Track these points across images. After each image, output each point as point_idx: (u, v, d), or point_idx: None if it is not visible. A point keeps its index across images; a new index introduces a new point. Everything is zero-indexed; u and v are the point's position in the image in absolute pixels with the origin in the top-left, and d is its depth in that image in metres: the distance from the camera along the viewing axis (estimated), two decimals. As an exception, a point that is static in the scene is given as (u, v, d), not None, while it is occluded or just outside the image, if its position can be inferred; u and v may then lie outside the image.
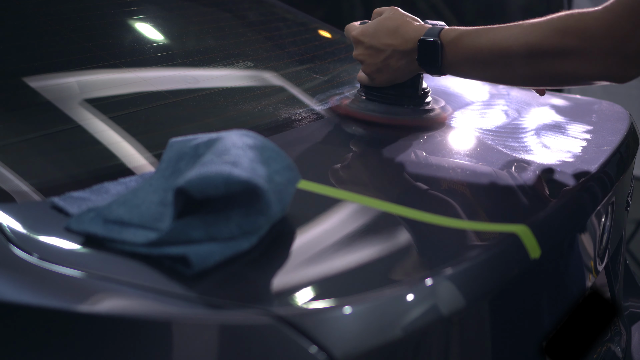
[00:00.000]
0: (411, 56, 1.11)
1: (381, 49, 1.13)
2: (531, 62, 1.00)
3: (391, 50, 1.12)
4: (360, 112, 1.19)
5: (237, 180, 0.77)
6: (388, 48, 1.12)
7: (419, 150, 1.13)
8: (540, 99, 1.42)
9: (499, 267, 0.82)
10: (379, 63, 1.14)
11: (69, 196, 0.86)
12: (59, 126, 1.02)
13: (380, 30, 1.13)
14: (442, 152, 1.14)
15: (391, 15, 1.14)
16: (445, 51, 1.07)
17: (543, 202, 0.98)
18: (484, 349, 0.81)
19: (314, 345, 0.67)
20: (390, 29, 1.12)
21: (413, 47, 1.10)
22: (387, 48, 1.12)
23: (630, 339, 1.25)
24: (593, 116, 1.35)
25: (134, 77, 1.21)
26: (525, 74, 1.04)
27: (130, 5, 1.45)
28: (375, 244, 0.83)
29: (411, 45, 1.10)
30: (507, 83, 1.11)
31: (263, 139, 0.89)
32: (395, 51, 1.12)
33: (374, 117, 1.18)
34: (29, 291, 0.76)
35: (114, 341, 0.72)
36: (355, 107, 1.20)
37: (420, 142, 1.16)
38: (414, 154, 1.11)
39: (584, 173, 1.05)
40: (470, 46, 1.05)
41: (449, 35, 1.07)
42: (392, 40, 1.11)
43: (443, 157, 1.12)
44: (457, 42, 1.06)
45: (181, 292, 0.72)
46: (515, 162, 1.09)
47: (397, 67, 1.13)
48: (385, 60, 1.13)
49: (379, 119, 1.18)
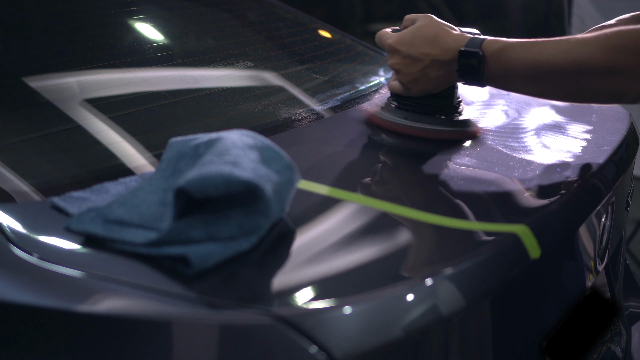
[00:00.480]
0: (450, 66, 1.08)
1: (419, 59, 1.09)
2: (579, 79, 0.99)
3: (430, 60, 1.09)
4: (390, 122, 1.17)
5: (237, 180, 0.77)
6: (426, 57, 1.09)
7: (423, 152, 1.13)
8: (540, 99, 1.42)
9: (499, 267, 0.82)
10: (416, 73, 1.11)
11: (69, 196, 0.86)
12: (59, 126, 1.02)
13: (417, 38, 1.10)
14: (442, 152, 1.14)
15: (427, 23, 1.11)
16: (487, 63, 1.04)
17: (543, 202, 0.98)
18: (483, 349, 0.81)
19: (314, 345, 0.67)
20: (429, 38, 1.09)
21: (453, 57, 1.07)
22: (425, 57, 1.09)
23: (630, 339, 1.25)
24: (593, 116, 1.35)
25: (134, 77, 1.21)
26: (571, 91, 1.03)
27: (130, 5, 1.45)
28: (375, 244, 0.83)
29: (451, 55, 1.07)
30: (551, 98, 1.09)
31: (263, 139, 0.89)
32: (434, 61, 1.09)
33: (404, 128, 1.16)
34: (29, 291, 0.76)
35: (114, 341, 0.72)
36: (385, 115, 1.18)
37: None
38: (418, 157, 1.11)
39: (584, 173, 1.05)
40: (515, 59, 1.03)
41: (492, 47, 1.04)
42: (431, 49, 1.08)
43: (443, 157, 1.12)
44: (501, 54, 1.03)
45: (181, 292, 0.72)
46: (516, 162, 1.09)
47: (435, 77, 1.10)
48: (423, 70, 1.10)
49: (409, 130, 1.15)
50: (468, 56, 1.05)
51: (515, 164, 1.08)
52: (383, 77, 1.52)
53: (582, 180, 1.03)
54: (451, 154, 1.12)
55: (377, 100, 1.26)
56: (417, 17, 1.13)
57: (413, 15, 1.15)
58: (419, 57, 1.09)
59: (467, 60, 1.05)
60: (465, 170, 1.07)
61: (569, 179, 1.03)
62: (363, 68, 1.55)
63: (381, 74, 1.54)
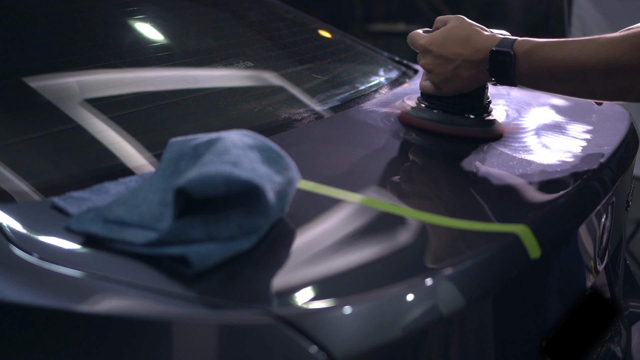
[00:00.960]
0: (482, 66, 1.10)
1: (451, 59, 1.11)
2: (608, 77, 1.01)
3: (462, 60, 1.11)
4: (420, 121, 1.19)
5: (237, 180, 0.77)
6: (458, 58, 1.11)
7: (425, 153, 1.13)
8: (540, 99, 1.42)
9: (499, 267, 0.82)
10: (448, 72, 1.12)
11: (69, 196, 0.86)
12: (59, 126, 1.02)
13: (449, 39, 1.12)
14: (443, 153, 1.14)
15: (459, 24, 1.13)
16: (518, 63, 1.06)
17: (543, 202, 0.98)
18: (483, 349, 0.81)
19: (314, 345, 0.67)
20: (461, 38, 1.11)
21: (484, 57, 1.09)
22: (457, 57, 1.11)
23: (630, 339, 1.25)
24: (593, 116, 1.35)
25: (134, 77, 1.21)
26: (600, 89, 1.05)
27: (130, 5, 1.45)
28: (375, 244, 0.83)
29: (482, 55, 1.09)
30: (580, 96, 1.10)
31: (263, 139, 0.89)
32: (465, 61, 1.10)
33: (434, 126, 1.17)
34: (29, 291, 0.76)
35: (114, 341, 0.72)
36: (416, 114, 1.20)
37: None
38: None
39: (584, 173, 1.05)
40: (545, 59, 1.05)
41: (523, 47, 1.06)
42: (463, 49, 1.10)
43: (443, 158, 1.12)
44: (531, 54, 1.05)
45: (181, 292, 0.72)
46: (515, 162, 1.09)
47: (467, 77, 1.12)
48: (455, 70, 1.12)
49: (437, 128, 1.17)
50: (500, 56, 1.07)
51: (516, 164, 1.08)
52: (383, 77, 1.52)
53: (582, 180, 1.03)
54: (462, 154, 1.12)
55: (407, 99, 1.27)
56: (448, 19, 1.15)
57: (445, 17, 1.17)
58: (451, 57, 1.11)
59: (498, 60, 1.07)
60: (466, 170, 1.07)
61: (569, 179, 1.03)
62: (363, 68, 1.55)
63: (381, 74, 1.54)
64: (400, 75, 1.56)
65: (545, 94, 1.49)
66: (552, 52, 1.04)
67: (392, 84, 1.48)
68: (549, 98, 1.44)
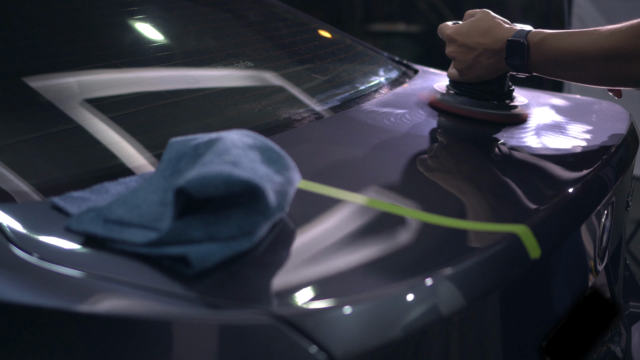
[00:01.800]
0: (500, 55, 1.20)
1: (473, 47, 1.22)
2: (607, 64, 1.11)
3: (482, 48, 1.21)
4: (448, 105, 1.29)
5: (237, 180, 0.77)
6: (479, 47, 1.21)
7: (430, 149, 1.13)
8: (540, 99, 1.42)
9: (499, 267, 0.82)
10: (469, 60, 1.23)
11: (69, 196, 0.86)
12: (59, 126, 1.02)
13: (473, 30, 1.23)
14: (443, 152, 1.14)
15: (483, 17, 1.24)
16: (530, 52, 1.16)
17: (543, 202, 0.98)
18: (483, 349, 0.81)
19: (314, 345, 0.67)
20: (483, 29, 1.22)
21: (502, 46, 1.19)
22: (478, 47, 1.22)
23: (630, 339, 1.25)
24: (593, 116, 1.35)
25: (134, 77, 1.21)
26: (601, 76, 1.14)
27: (130, 5, 1.45)
28: (375, 244, 0.83)
29: (500, 45, 1.19)
30: (586, 83, 1.20)
31: (263, 139, 0.89)
32: (485, 50, 1.21)
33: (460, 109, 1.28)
34: (29, 291, 0.76)
35: (114, 341, 0.72)
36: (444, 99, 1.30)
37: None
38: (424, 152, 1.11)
39: (584, 173, 1.05)
40: (553, 48, 1.15)
41: (535, 37, 1.16)
42: (484, 39, 1.21)
43: (444, 158, 1.12)
44: (542, 43, 1.16)
45: (181, 292, 0.72)
46: (516, 162, 1.09)
47: (487, 64, 1.22)
48: (476, 58, 1.22)
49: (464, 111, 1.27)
50: (515, 45, 1.18)
51: (516, 164, 1.08)
52: (383, 77, 1.52)
53: (582, 180, 1.03)
54: (451, 154, 1.12)
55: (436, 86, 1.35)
56: (475, 12, 1.26)
57: (473, 11, 1.28)
58: (473, 46, 1.22)
59: (514, 49, 1.18)
60: (466, 170, 1.07)
61: (569, 179, 1.03)
62: (363, 68, 1.55)
63: (381, 74, 1.54)
64: (400, 75, 1.56)
65: (545, 94, 1.49)
66: (559, 42, 1.14)
67: (392, 84, 1.48)
68: (548, 98, 1.44)
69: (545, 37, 1.16)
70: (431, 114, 1.29)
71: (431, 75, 1.60)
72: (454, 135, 1.26)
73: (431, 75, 1.60)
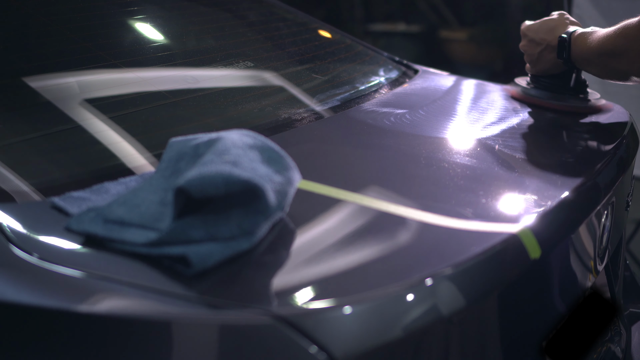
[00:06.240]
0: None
1: (539, 43, 1.37)
2: (609, 61, 1.23)
3: (545, 44, 1.35)
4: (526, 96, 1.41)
5: (237, 180, 0.77)
6: (543, 42, 1.36)
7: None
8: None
9: (499, 267, 0.82)
10: (535, 54, 1.38)
11: (69, 196, 0.86)
12: (59, 126, 1.02)
13: (542, 27, 1.37)
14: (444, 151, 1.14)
15: (555, 17, 1.37)
16: (571, 48, 1.29)
17: (543, 202, 0.98)
18: (483, 349, 0.81)
19: (314, 345, 0.67)
20: (550, 27, 1.36)
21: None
22: (542, 42, 1.36)
23: (630, 339, 1.25)
24: (593, 116, 1.35)
25: (134, 77, 1.21)
26: (602, 71, 1.27)
27: (130, 5, 1.45)
28: (375, 244, 0.83)
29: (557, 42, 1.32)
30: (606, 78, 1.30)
31: (263, 139, 0.89)
32: (548, 45, 1.35)
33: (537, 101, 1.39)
34: (29, 291, 0.76)
35: (114, 341, 0.72)
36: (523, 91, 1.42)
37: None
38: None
39: (584, 173, 1.05)
40: (582, 45, 1.28)
41: (574, 35, 1.29)
42: (548, 36, 1.35)
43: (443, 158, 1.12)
44: (577, 40, 1.29)
45: (181, 292, 0.72)
46: (516, 162, 1.09)
47: (548, 59, 1.36)
48: (541, 53, 1.37)
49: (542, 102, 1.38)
50: (561, 42, 1.31)
51: (516, 163, 1.08)
52: (383, 77, 1.52)
53: (582, 180, 1.03)
54: (451, 153, 1.12)
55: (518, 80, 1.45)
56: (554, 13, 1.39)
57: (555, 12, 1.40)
58: (539, 41, 1.37)
59: (560, 45, 1.31)
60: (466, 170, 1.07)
61: (569, 179, 1.03)
62: (363, 68, 1.55)
63: (381, 74, 1.54)
64: (400, 75, 1.56)
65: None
66: (585, 40, 1.27)
67: (392, 84, 1.48)
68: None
69: (579, 35, 1.28)
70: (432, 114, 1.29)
71: (431, 75, 1.60)
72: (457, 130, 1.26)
73: (431, 75, 1.60)
